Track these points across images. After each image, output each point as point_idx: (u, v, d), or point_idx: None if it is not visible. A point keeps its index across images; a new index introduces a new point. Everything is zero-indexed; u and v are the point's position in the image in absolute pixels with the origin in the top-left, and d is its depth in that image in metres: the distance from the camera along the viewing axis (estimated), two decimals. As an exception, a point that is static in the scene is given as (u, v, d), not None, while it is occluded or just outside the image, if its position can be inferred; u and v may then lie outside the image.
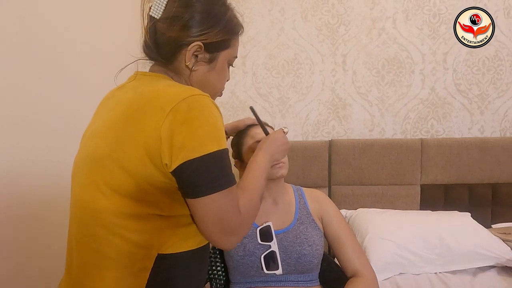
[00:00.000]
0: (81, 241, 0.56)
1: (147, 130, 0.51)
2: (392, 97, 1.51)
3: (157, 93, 0.54)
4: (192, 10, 0.57)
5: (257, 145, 0.76)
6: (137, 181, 0.52)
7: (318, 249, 0.87)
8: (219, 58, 0.61)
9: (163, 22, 0.58)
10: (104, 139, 0.55)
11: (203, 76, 0.61)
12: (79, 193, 0.57)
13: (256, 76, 1.50)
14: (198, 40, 0.57)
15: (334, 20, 1.47)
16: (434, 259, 1.14)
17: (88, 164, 0.56)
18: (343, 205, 1.43)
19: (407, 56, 1.48)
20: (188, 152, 0.50)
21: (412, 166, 1.43)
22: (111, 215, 0.53)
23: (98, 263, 0.54)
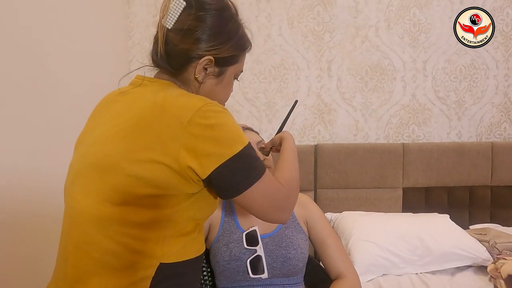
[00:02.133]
0: (81, 249, 0.55)
1: (163, 139, 0.52)
2: (375, 102, 1.56)
3: (171, 102, 0.54)
4: (206, 24, 0.58)
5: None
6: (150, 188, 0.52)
7: (303, 253, 0.89)
8: (227, 73, 0.63)
9: (175, 33, 0.58)
10: (113, 146, 0.54)
11: (210, 88, 0.62)
12: (81, 201, 0.55)
13: (243, 81, 1.51)
14: (210, 54, 0.58)
15: (320, 27, 1.51)
16: (415, 260, 1.18)
17: (94, 172, 0.55)
18: (328, 208, 1.45)
19: (389, 63, 1.54)
20: (217, 157, 0.53)
21: (394, 170, 1.48)
22: (116, 224, 0.52)
23: (99, 272, 0.53)
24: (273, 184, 0.59)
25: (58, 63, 1.01)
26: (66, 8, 1.06)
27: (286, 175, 0.64)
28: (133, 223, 0.53)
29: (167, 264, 0.54)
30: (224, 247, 0.86)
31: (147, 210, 0.53)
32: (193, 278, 0.61)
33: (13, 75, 0.86)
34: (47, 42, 0.97)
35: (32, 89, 0.92)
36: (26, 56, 0.89)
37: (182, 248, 0.56)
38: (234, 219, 0.92)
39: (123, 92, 0.62)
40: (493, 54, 1.54)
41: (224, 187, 0.55)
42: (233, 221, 0.92)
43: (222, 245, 0.86)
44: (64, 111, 0.93)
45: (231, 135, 0.54)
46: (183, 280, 0.57)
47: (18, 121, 0.88)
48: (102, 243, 0.53)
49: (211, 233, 0.93)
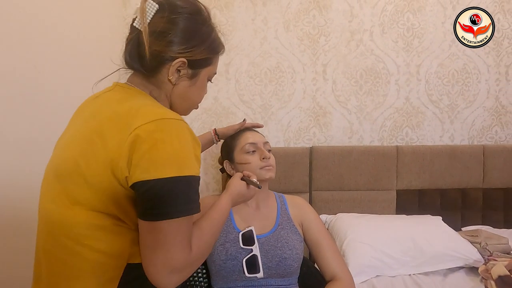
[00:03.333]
0: (49, 252, 0.56)
1: (110, 146, 0.51)
2: (370, 105, 1.58)
3: (129, 111, 0.54)
4: (179, 27, 0.59)
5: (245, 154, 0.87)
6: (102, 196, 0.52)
7: (298, 253, 0.89)
8: (201, 75, 0.63)
9: (149, 35, 0.58)
10: (71, 152, 0.55)
11: (184, 90, 0.63)
12: (47, 205, 0.56)
13: (239, 83, 1.52)
14: (183, 57, 0.59)
15: (315, 31, 1.53)
16: (408, 261, 1.19)
17: (56, 177, 0.56)
18: (323, 210, 1.46)
19: (383, 67, 1.56)
20: (142, 172, 0.50)
21: (388, 172, 1.49)
22: (79, 227, 0.53)
23: (67, 274, 0.54)
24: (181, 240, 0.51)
25: (53, 64, 1.01)
26: (62, 9, 1.06)
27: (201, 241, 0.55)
28: (96, 226, 0.52)
29: (135, 265, 0.54)
30: (220, 247, 0.86)
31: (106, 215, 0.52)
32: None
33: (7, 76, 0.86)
34: (42, 42, 0.97)
35: (27, 91, 0.92)
36: (20, 57, 0.89)
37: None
38: (230, 219, 0.93)
39: (96, 97, 0.63)
40: (485, 59, 1.57)
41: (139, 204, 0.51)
42: (230, 221, 0.92)
43: (219, 244, 0.87)
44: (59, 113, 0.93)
45: (169, 157, 0.50)
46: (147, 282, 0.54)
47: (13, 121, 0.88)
48: (68, 246, 0.53)
49: (207, 234, 0.93)
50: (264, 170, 0.93)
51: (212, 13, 1.62)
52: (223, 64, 1.50)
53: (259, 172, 0.92)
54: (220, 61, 1.59)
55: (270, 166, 0.94)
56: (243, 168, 0.93)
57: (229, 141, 1.01)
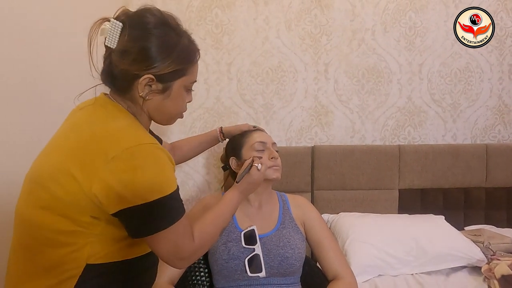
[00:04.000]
0: (17, 251, 0.59)
1: (87, 169, 0.54)
2: (372, 105, 1.57)
3: (106, 135, 0.56)
4: (141, 44, 0.59)
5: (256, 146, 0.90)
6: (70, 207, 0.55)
7: (300, 253, 0.90)
8: (173, 87, 0.63)
9: (115, 54, 0.60)
10: (47, 162, 0.58)
11: (158, 104, 0.63)
12: (20, 207, 0.60)
13: (241, 83, 1.52)
14: (149, 73, 0.59)
15: (317, 30, 1.52)
16: (411, 260, 1.19)
17: (31, 181, 0.59)
18: (325, 210, 1.46)
19: (385, 66, 1.56)
20: (126, 201, 0.54)
21: (390, 172, 1.49)
22: (44, 229, 0.56)
23: (31, 271, 0.57)
24: (183, 237, 0.59)
25: (55, 65, 1.01)
26: (65, 9, 1.07)
27: (205, 231, 0.65)
28: (59, 230, 0.56)
29: (94, 265, 0.57)
30: (222, 246, 0.87)
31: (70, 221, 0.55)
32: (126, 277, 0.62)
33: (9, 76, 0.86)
34: (44, 44, 0.97)
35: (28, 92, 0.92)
36: (22, 57, 0.89)
37: (113, 251, 0.59)
38: (232, 218, 0.93)
39: (80, 109, 0.65)
40: (488, 58, 1.56)
41: (128, 226, 0.57)
42: (232, 220, 0.93)
43: (221, 244, 0.87)
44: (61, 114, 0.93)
45: (150, 183, 0.54)
46: (111, 279, 0.59)
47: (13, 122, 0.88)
48: (33, 246, 0.57)
49: (209, 233, 0.93)
50: (272, 170, 0.93)
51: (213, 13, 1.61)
52: (225, 63, 1.51)
53: (267, 172, 0.92)
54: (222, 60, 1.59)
55: (277, 166, 0.95)
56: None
57: (238, 138, 1.01)
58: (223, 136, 1.12)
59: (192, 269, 0.97)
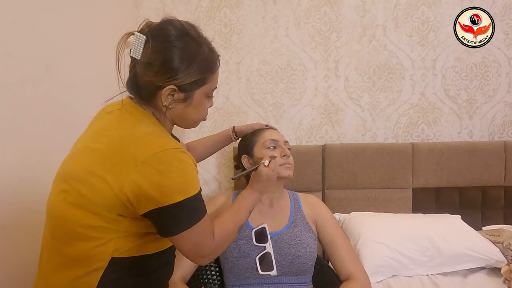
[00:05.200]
0: (48, 242, 0.63)
1: (117, 172, 0.57)
2: (383, 102, 1.54)
3: (134, 140, 0.59)
4: (164, 56, 0.61)
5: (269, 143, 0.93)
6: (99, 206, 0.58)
7: (312, 251, 0.89)
8: (195, 96, 0.66)
9: (140, 65, 0.62)
10: (79, 163, 0.61)
11: (181, 112, 0.66)
12: (52, 202, 0.63)
13: (250, 82, 1.52)
14: (171, 84, 0.62)
15: (326, 28, 1.51)
16: (425, 261, 1.16)
17: (61, 179, 0.63)
18: (336, 209, 1.44)
19: (397, 62, 1.52)
20: (156, 202, 0.57)
21: (403, 170, 1.46)
22: (73, 224, 0.59)
23: (61, 262, 0.60)
24: (205, 235, 0.63)
25: (66, 66, 1.03)
26: (75, 10, 1.09)
27: (225, 228, 0.68)
28: (87, 225, 0.59)
29: (119, 259, 0.60)
30: (233, 244, 0.87)
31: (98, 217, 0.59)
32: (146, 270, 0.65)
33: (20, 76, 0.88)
34: (55, 44, 0.99)
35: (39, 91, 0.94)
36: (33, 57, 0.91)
37: (136, 246, 0.62)
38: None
39: (108, 113, 0.67)
40: (505, 51, 1.51)
41: (156, 225, 0.61)
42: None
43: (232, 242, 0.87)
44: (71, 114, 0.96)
45: (177, 185, 0.58)
46: (133, 272, 0.63)
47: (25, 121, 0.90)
48: (64, 238, 0.60)
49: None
50: (284, 167, 0.93)
51: (222, 13, 1.61)
52: (234, 63, 1.51)
53: (279, 169, 0.92)
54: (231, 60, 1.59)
55: (289, 164, 0.94)
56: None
57: (250, 136, 1.02)
58: (236, 135, 1.12)
59: (203, 267, 0.97)
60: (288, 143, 1.01)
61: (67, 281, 0.59)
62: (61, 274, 0.60)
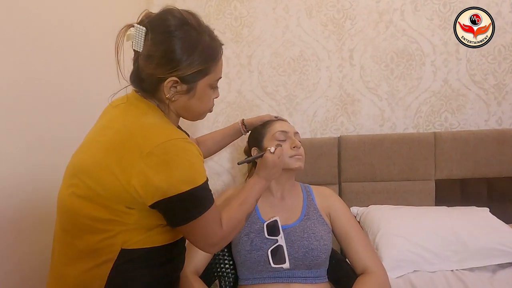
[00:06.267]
0: (59, 235, 0.64)
1: (124, 164, 0.57)
2: (402, 90, 1.47)
3: (139, 131, 0.59)
4: (164, 47, 0.60)
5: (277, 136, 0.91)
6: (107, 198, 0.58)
7: (326, 244, 0.86)
8: (198, 87, 0.64)
9: (142, 58, 0.62)
10: (87, 156, 0.62)
11: (184, 104, 0.66)
12: (62, 195, 0.64)
13: (262, 75, 1.50)
14: (172, 76, 0.61)
15: (340, 15, 1.45)
16: (450, 255, 1.10)
17: (70, 173, 0.63)
18: (354, 202, 1.40)
19: (417, 48, 1.44)
20: (163, 192, 0.57)
21: (425, 161, 1.39)
22: (83, 217, 0.60)
23: (71, 254, 0.61)
24: (213, 225, 0.63)
25: (79, 65, 1.05)
26: (87, 9, 1.11)
27: (232, 217, 0.68)
28: (96, 218, 0.59)
29: (128, 250, 0.61)
30: (245, 237, 0.86)
31: (106, 210, 0.59)
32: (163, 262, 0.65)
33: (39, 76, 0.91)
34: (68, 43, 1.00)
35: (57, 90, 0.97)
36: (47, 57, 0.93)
37: (145, 238, 0.62)
38: (255, 209, 0.92)
39: (115, 106, 0.68)
40: (538, 31, 1.39)
41: (165, 216, 0.61)
42: (254, 211, 0.92)
43: (243, 235, 0.87)
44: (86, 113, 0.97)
45: (184, 174, 0.58)
46: (143, 264, 0.63)
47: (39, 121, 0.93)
48: (73, 231, 0.61)
49: (232, 225, 0.93)
50: (294, 159, 0.91)
51: (232, 6, 1.59)
52: (246, 56, 1.49)
53: (289, 161, 0.90)
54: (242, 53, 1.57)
55: (300, 155, 0.92)
56: None
57: (260, 128, 1.00)
58: (245, 128, 1.11)
59: (217, 260, 0.97)
60: (299, 135, 0.99)
61: (78, 273, 0.60)
62: (72, 267, 0.61)
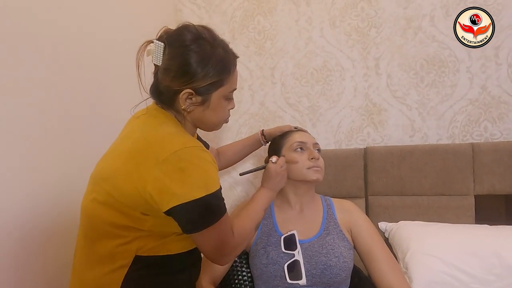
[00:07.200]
0: (81, 240, 0.67)
1: (141, 170, 0.59)
2: (434, 99, 1.39)
3: (156, 140, 0.62)
4: (179, 61, 0.64)
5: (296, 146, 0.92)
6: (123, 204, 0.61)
7: (346, 262, 0.82)
8: (212, 99, 0.67)
9: (160, 71, 0.65)
10: (108, 164, 0.65)
11: (199, 115, 0.68)
12: (84, 201, 0.67)
13: (285, 86, 1.51)
14: (187, 88, 0.64)
15: (364, 24, 1.43)
16: (492, 280, 0.99)
17: (93, 180, 0.67)
18: (382, 217, 1.33)
19: (450, 54, 1.36)
20: (178, 198, 0.58)
21: (462, 174, 1.28)
22: (102, 222, 0.63)
23: (90, 258, 0.64)
24: (225, 233, 0.63)
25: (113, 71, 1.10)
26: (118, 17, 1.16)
27: (243, 226, 0.69)
28: (114, 224, 0.62)
29: (142, 257, 0.62)
30: (261, 250, 0.85)
31: (123, 216, 0.61)
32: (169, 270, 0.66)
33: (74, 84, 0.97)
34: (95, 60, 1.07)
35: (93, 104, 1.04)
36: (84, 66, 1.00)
37: (159, 245, 0.63)
38: (273, 222, 0.91)
39: (136, 118, 0.72)
40: None
41: (179, 223, 0.61)
42: (272, 224, 0.91)
43: (260, 248, 0.86)
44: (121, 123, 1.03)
45: (198, 181, 0.59)
46: (156, 271, 0.64)
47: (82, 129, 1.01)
48: (92, 236, 0.64)
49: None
50: (312, 171, 0.89)
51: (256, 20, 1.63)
52: (268, 68, 1.51)
53: (306, 172, 0.89)
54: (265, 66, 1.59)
55: (318, 167, 0.90)
56: (290, 167, 0.91)
57: (278, 139, 1.01)
58: (265, 138, 1.11)
59: (235, 272, 0.97)
60: (318, 145, 0.97)
61: (96, 277, 0.63)
62: (91, 271, 0.64)
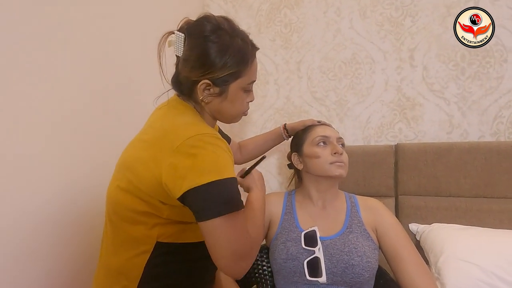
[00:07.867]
0: (107, 225, 0.69)
1: (158, 158, 0.60)
2: (477, 92, 1.27)
3: (173, 129, 0.63)
4: (197, 51, 0.64)
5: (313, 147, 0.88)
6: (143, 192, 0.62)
7: (369, 262, 0.79)
8: (230, 90, 0.66)
9: (181, 62, 0.67)
10: (130, 153, 0.67)
11: (217, 106, 0.68)
12: (110, 188, 0.70)
13: (311, 80, 1.47)
14: (205, 78, 0.64)
15: (398, 13, 1.34)
16: (540, 293, 0.89)
17: (117, 168, 0.69)
18: (413, 218, 1.25)
19: (496, 43, 1.24)
20: (190, 182, 0.57)
21: (507, 175, 1.16)
22: (124, 208, 0.64)
23: (115, 243, 0.66)
24: (240, 229, 0.58)
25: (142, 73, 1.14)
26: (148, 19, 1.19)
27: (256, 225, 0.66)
28: (136, 210, 0.63)
29: (163, 243, 0.63)
30: (281, 245, 0.84)
31: (145, 203, 0.62)
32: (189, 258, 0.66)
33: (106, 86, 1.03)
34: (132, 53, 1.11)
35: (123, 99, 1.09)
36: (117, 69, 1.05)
37: (178, 232, 0.64)
38: (294, 217, 0.90)
39: (158, 109, 0.73)
40: None
41: (193, 209, 0.59)
42: (293, 220, 0.89)
43: (280, 243, 0.85)
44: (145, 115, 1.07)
45: (210, 166, 0.57)
46: (177, 258, 0.64)
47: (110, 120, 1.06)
48: (116, 222, 0.65)
49: (271, 230, 0.92)
50: (334, 166, 0.86)
51: (282, 13, 1.61)
52: (294, 62, 1.48)
53: (328, 168, 0.86)
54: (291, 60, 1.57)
55: (341, 162, 0.87)
56: (312, 162, 0.88)
57: (300, 133, 0.99)
58: (287, 132, 1.09)
59: (256, 265, 0.97)
60: (342, 140, 0.93)
61: (121, 262, 0.65)
62: (116, 256, 0.66)
